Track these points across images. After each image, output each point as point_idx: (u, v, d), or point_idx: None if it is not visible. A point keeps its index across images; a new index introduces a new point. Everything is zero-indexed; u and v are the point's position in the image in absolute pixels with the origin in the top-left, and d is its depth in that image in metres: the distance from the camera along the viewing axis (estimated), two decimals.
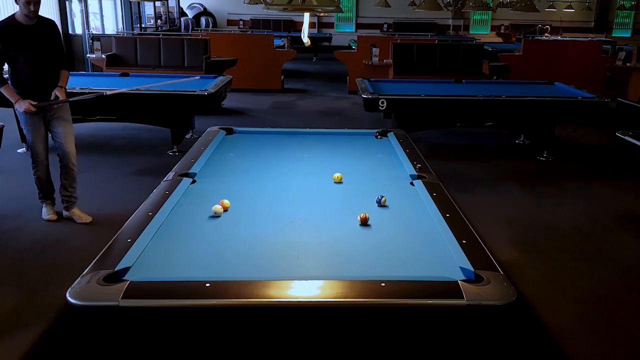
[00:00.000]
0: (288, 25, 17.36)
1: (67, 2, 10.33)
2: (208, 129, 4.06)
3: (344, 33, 17.54)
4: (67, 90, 4.06)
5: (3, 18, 3.84)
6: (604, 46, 10.50)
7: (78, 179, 4.09)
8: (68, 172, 3.98)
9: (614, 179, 5.62)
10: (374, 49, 9.60)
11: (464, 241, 2.18)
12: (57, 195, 4.19)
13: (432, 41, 10.46)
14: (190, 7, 17.34)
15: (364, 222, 2.42)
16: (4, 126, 3.96)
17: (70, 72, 4.11)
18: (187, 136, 6.42)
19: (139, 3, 13.08)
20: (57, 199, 4.20)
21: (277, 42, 11.66)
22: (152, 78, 6.95)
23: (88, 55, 9.36)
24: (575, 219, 4.49)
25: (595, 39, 11.26)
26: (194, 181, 2.97)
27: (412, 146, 3.71)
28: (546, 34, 14.64)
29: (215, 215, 2.49)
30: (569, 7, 16.18)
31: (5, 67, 3.83)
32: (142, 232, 2.24)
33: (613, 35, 17.47)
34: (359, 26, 18.07)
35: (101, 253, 2.06)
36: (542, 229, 4.27)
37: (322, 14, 12.58)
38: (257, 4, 9.58)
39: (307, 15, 3.97)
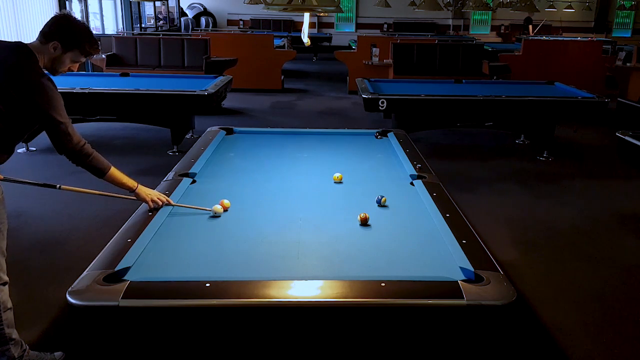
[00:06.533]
0: (288, 25, 17.36)
1: (67, 2, 10.32)
2: (208, 129, 4.06)
3: (344, 33, 17.54)
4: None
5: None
6: (604, 46, 10.49)
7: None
8: None
9: (614, 179, 5.62)
10: (374, 49, 9.59)
11: (464, 241, 2.18)
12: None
13: (432, 41, 10.47)
14: (190, 7, 17.34)
15: (364, 222, 2.42)
16: None
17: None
18: (187, 136, 6.42)
19: (139, 3, 13.07)
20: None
21: (277, 42, 11.66)
22: (153, 78, 6.95)
23: None
24: (575, 219, 4.49)
25: (595, 39, 11.26)
26: (194, 181, 2.97)
27: (412, 146, 3.71)
28: (530, 26, 14.72)
29: (215, 215, 2.49)
30: (569, 7, 16.19)
31: None
32: (142, 232, 2.24)
33: (613, 35, 17.48)
34: (359, 26, 18.08)
35: (101, 253, 2.06)
36: (542, 229, 4.27)
37: (322, 14, 12.59)
38: (257, 4, 9.57)
39: (307, 15, 3.98)
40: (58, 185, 2.50)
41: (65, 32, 2.22)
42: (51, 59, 2.24)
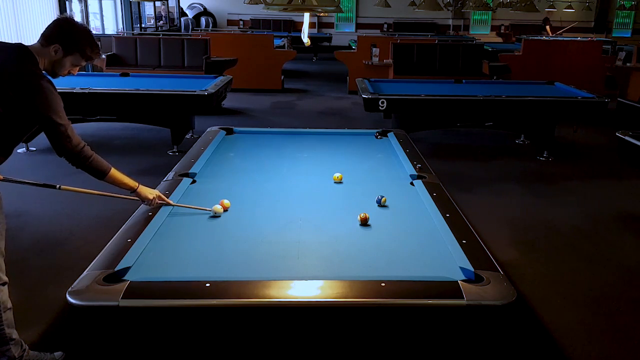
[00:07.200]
0: (288, 25, 17.36)
1: (67, 2, 10.32)
2: (208, 129, 4.06)
3: (344, 33, 17.53)
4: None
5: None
6: (604, 46, 10.49)
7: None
8: None
9: (614, 179, 5.62)
10: (374, 49, 9.59)
11: (464, 241, 2.18)
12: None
13: (432, 41, 10.46)
14: (190, 7, 17.34)
15: (364, 222, 2.42)
16: None
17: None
18: (187, 136, 6.42)
19: (139, 3, 13.07)
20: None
21: (277, 42, 11.65)
22: (153, 78, 6.95)
23: None
24: (575, 219, 4.49)
25: (595, 39, 11.25)
26: (194, 181, 2.97)
27: (412, 146, 3.71)
28: (547, 27, 14.78)
29: (215, 215, 2.49)
30: (569, 7, 16.19)
31: None
32: (142, 232, 2.24)
33: (613, 35, 17.47)
34: (359, 26, 18.06)
35: (101, 253, 2.06)
36: (542, 229, 4.27)
37: (322, 14, 12.58)
38: (257, 4, 9.57)
39: (307, 15, 3.98)
40: (58, 186, 2.49)
41: (67, 35, 2.22)
42: (51, 62, 2.24)
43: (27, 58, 2.17)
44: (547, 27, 15.23)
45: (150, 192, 2.51)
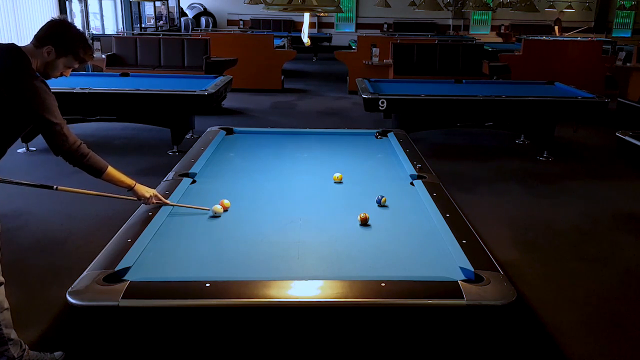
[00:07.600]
0: (288, 25, 17.36)
1: (67, 2, 10.31)
2: (208, 129, 4.06)
3: (344, 33, 17.53)
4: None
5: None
6: (604, 46, 10.49)
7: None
8: None
9: (614, 179, 5.62)
10: (374, 49, 9.59)
11: (464, 241, 2.18)
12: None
13: (432, 41, 10.46)
14: (190, 7, 17.34)
15: (364, 222, 2.42)
16: None
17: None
18: (187, 136, 6.42)
19: (139, 3, 13.08)
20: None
21: (277, 42, 11.65)
22: (153, 78, 6.95)
23: None
24: (575, 219, 4.49)
25: (595, 39, 11.25)
26: (194, 181, 2.97)
27: (412, 146, 3.71)
28: (556, 27, 14.84)
29: (215, 215, 2.49)
30: (569, 7, 16.19)
31: None
32: (142, 232, 2.24)
33: (613, 35, 17.47)
34: (359, 26, 18.07)
35: (101, 253, 2.06)
36: (542, 229, 4.27)
37: (322, 14, 12.58)
38: (257, 4, 9.57)
39: (307, 15, 3.98)
40: (55, 186, 2.49)
41: (60, 37, 2.21)
42: (44, 64, 2.23)
43: (20, 59, 2.16)
44: (556, 28, 15.25)
45: (147, 191, 2.52)
